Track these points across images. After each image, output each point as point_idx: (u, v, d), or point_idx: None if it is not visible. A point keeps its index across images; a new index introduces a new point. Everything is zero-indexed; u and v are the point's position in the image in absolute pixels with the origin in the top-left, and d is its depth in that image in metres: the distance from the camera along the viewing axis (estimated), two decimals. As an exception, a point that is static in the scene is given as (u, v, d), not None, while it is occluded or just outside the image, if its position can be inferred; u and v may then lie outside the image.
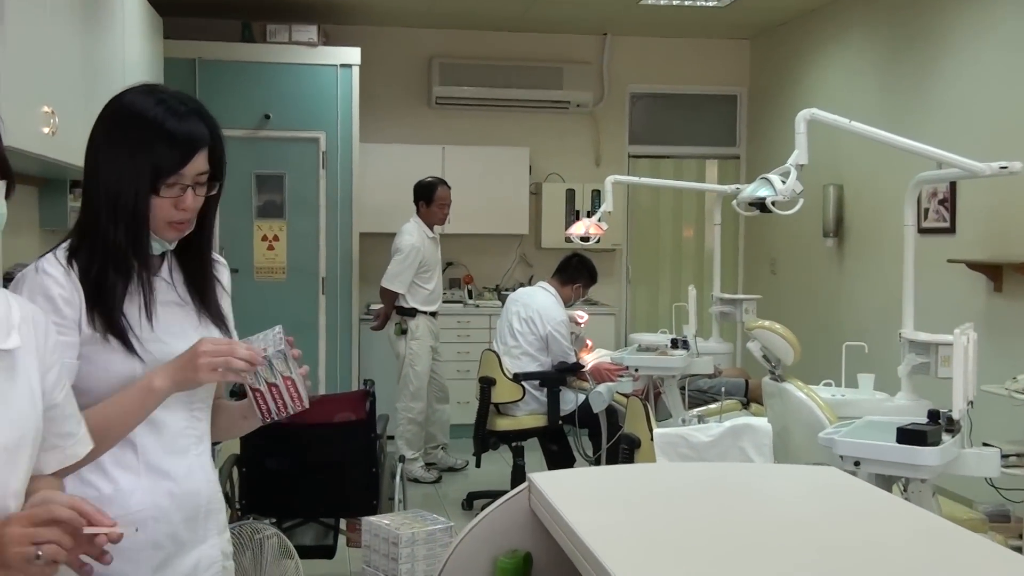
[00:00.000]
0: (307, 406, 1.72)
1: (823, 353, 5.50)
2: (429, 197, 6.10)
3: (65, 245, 1.72)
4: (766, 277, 7.67)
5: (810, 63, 7.06)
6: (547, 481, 1.42)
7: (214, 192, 1.76)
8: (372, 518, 1.92)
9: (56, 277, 1.65)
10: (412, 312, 6.09)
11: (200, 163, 1.70)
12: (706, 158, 8.27)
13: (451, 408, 6.53)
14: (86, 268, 1.68)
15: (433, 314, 6.21)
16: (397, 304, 6.12)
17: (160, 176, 1.67)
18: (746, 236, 8.14)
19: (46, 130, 3.17)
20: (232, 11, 6.84)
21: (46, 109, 3.18)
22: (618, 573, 1.05)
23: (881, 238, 5.99)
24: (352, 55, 6.75)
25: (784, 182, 3.56)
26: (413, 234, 6.07)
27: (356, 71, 6.75)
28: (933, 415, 2.98)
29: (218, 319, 1.84)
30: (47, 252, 1.72)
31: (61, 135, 3.25)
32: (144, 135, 1.67)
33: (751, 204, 3.72)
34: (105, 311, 1.68)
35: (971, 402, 2.97)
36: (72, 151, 3.03)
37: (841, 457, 2.95)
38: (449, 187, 6.19)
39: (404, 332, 6.12)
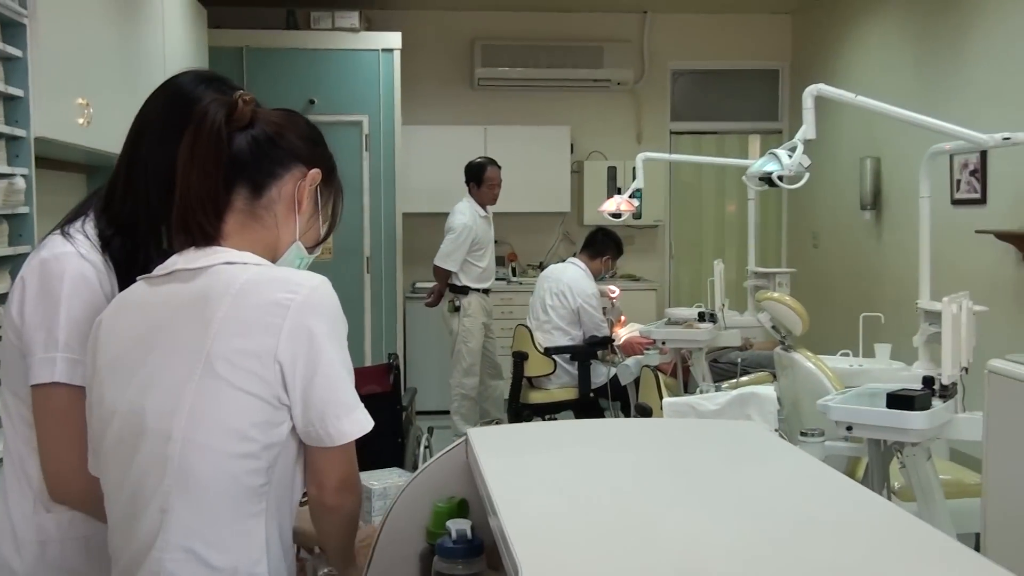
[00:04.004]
0: None
1: (865, 325, 5.51)
2: (479, 177, 6.15)
3: (91, 230, 1.61)
4: (808, 251, 7.67)
5: (851, 37, 7.02)
6: (480, 435, 1.56)
7: None
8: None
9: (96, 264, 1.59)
10: (465, 290, 6.14)
11: None
12: (748, 133, 8.28)
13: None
14: (123, 257, 1.60)
15: (486, 291, 6.26)
16: (450, 282, 6.18)
17: None
18: (788, 210, 8.14)
19: (80, 120, 3.38)
20: (277, -1, 7.06)
21: (80, 101, 3.39)
22: (503, 507, 1.19)
23: (917, 210, 5.95)
24: (393, 40, 6.90)
25: (791, 156, 3.62)
26: (465, 213, 6.12)
27: (397, 55, 6.90)
28: (927, 381, 3.04)
29: None
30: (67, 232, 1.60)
31: (97, 125, 3.46)
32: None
33: (760, 179, 3.79)
34: None
35: (966, 368, 3.03)
36: (109, 140, 3.13)
37: (836, 423, 3.03)
38: (499, 167, 6.21)
39: (457, 309, 6.18)
